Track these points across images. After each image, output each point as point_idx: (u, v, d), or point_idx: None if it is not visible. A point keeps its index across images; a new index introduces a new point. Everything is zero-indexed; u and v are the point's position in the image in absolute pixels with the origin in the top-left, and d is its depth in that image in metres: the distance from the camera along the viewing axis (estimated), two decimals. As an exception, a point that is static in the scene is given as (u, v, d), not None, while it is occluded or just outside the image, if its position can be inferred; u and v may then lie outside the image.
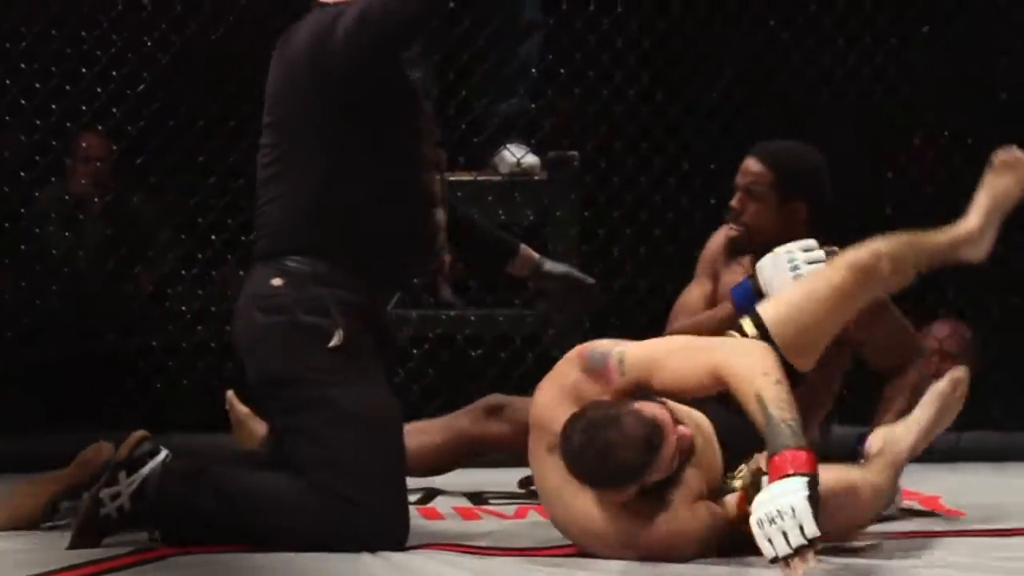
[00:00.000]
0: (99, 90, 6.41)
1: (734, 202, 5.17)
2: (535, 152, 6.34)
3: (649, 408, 4.02)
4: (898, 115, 7.31)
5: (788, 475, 3.79)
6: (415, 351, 6.32)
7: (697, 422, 4.26)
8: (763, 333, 4.48)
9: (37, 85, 6.37)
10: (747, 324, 4.52)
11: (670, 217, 6.78)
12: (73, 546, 4.05)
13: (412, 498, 4.61)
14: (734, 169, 5.47)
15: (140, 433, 4.22)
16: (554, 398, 4.22)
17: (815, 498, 3.75)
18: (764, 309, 4.57)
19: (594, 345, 4.33)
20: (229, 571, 3.92)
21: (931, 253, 4.78)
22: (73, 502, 4.19)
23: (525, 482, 5.38)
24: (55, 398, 6.36)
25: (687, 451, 4.10)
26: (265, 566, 3.94)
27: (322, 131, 4.24)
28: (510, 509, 5.13)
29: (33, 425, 6.10)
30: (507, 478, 5.50)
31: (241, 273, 6.43)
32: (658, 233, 6.76)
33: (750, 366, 4.08)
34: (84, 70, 6.39)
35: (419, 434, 5.20)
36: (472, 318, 6.30)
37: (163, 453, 4.14)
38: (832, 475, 4.31)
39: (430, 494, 5.31)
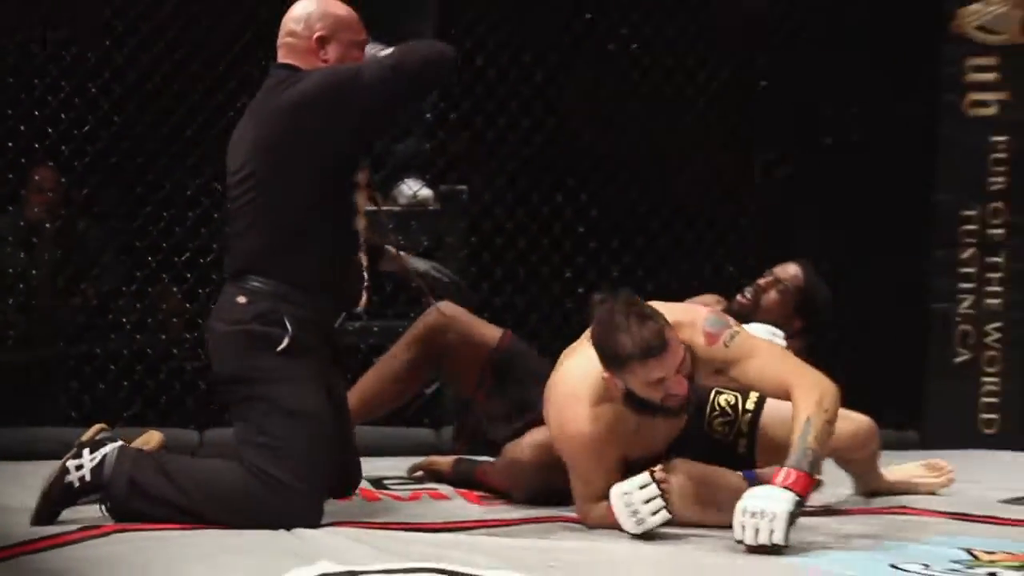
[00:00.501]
0: (50, 130, 6.42)
1: (763, 282, 5.35)
2: (429, 186, 6.32)
3: (677, 340, 4.08)
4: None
5: (787, 487, 3.94)
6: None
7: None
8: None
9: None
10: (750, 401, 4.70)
11: (544, 243, 6.84)
12: (37, 512, 4.14)
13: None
14: (597, 200, 5.58)
15: (102, 424, 4.35)
16: (657, 307, 4.23)
17: (796, 516, 3.92)
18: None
19: (720, 313, 4.45)
20: (161, 546, 3.88)
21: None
22: None
23: (413, 469, 5.49)
24: (5, 398, 6.38)
25: (676, 400, 4.15)
26: (191, 542, 3.93)
27: (299, 180, 4.32)
28: (405, 492, 5.12)
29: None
30: (405, 465, 5.52)
31: (175, 289, 6.55)
32: (534, 259, 6.83)
33: (818, 396, 4.13)
34: (37, 113, 6.40)
35: (394, 358, 5.36)
36: (375, 328, 6.34)
37: (120, 441, 4.25)
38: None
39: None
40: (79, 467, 4.19)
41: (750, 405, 4.70)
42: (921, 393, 6.45)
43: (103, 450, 4.21)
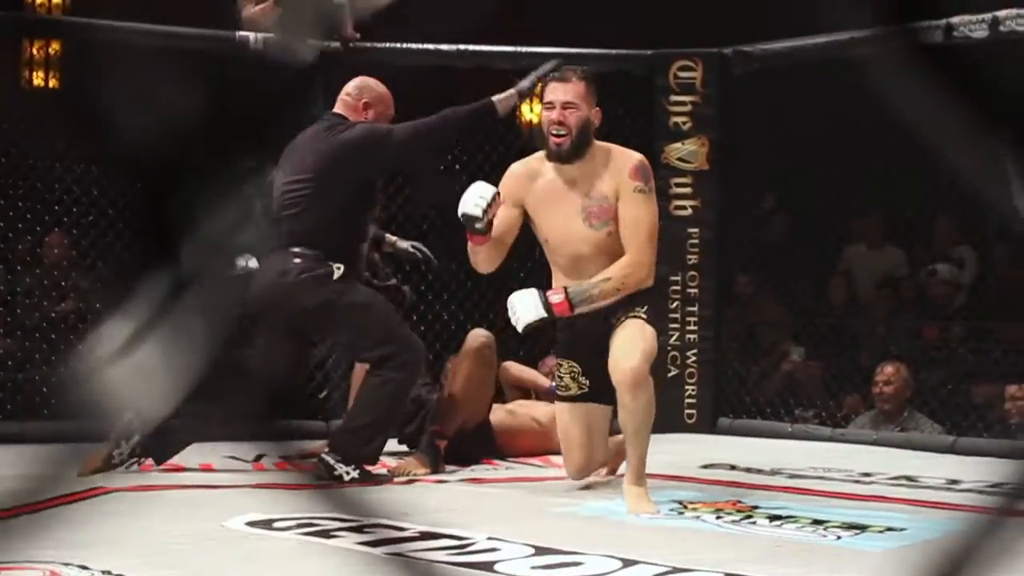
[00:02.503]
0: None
1: None
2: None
3: (582, 95, 3.99)
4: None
5: (551, 303, 3.85)
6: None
7: None
8: None
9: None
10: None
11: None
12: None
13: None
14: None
15: None
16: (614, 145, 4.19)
17: (539, 320, 3.88)
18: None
19: (651, 175, 4.13)
20: (139, 501, 3.88)
21: None
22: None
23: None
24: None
25: (555, 132, 3.95)
26: (161, 496, 3.90)
27: (343, 188, 4.49)
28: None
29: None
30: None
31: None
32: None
33: (629, 272, 3.94)
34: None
35: None
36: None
37: None
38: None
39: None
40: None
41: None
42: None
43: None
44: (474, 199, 3.89)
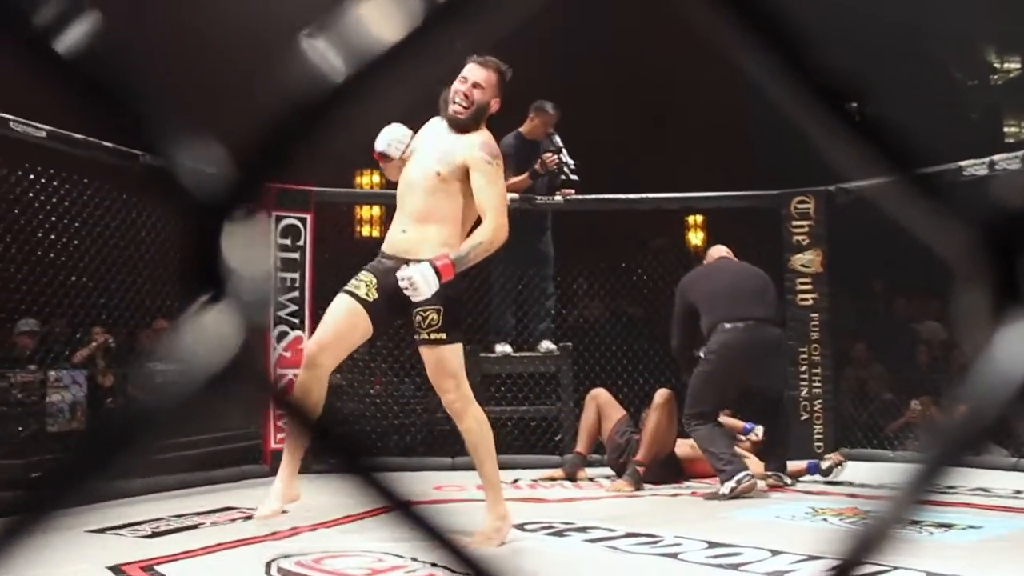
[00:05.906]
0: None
1: None
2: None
3: (491, 85, 3.25)
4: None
5: (437, 269, 3.04)
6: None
7: None
8: None
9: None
10: None
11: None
12: None
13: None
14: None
15: None
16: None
17: (434, 282, 3.04)
18: None
19: (497, 153, 3.27)
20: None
21: None
22: None
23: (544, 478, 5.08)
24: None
25: (456, 103, 3.22)
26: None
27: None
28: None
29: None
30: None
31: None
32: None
33: (495, 234, 3.11)
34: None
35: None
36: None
37: None
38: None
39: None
40: None
41: None
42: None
43: None
44: (389, 139, 3.31)
